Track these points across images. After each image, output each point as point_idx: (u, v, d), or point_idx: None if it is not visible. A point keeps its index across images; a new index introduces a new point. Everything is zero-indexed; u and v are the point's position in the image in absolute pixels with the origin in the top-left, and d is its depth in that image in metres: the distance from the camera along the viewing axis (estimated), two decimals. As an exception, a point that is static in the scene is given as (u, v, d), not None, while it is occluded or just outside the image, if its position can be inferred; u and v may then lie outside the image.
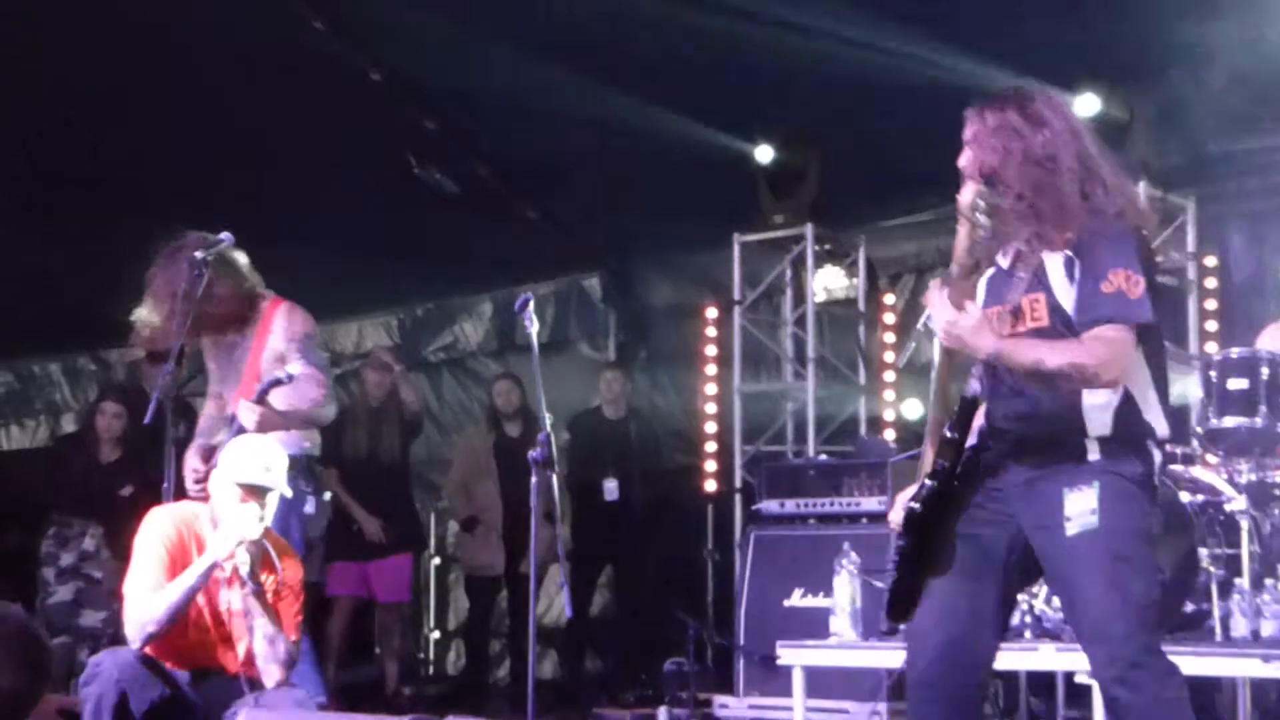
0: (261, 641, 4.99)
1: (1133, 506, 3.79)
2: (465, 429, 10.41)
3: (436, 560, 10.81)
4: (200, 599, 5.01)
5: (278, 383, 5.66)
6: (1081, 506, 3.75)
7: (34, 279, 10.17)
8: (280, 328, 5.89)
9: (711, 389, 9.22)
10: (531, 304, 5.68)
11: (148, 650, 4.92)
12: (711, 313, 9.32)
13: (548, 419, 7.73)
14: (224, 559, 4.96)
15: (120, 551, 8.10)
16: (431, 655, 10.77)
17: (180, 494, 6.08)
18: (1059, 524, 3.77)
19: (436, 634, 10.81)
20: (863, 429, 8.96)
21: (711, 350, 9.24)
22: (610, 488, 8.84)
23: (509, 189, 9.59)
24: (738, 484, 8.93)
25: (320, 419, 5.98)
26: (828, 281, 9.22)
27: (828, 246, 9.15)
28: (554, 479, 8.63)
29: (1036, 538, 3.85)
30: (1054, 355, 3.75)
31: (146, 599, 4.95)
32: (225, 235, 6.01)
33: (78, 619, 8.49)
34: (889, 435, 8.64)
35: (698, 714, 7.57)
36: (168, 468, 6.81)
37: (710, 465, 9.12)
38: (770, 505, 8.02)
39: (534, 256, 10.10)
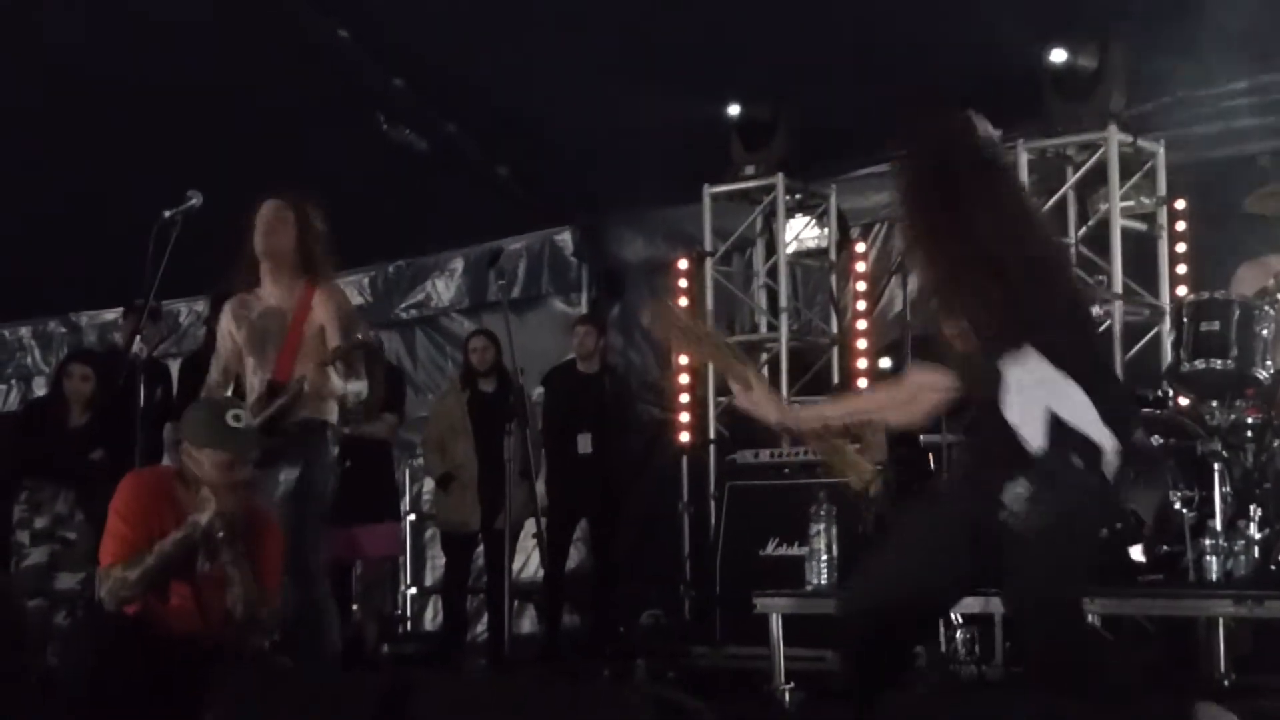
0: (241, 607, 5.00)
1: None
2: (439, 387, 10.39)
3: (412, 518, 10.80)
4: (179, 565, 5.00)
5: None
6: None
7: (1, 242, 10.14)
8: (322, 305, 5.92)
9: (685, 340, 9.18)
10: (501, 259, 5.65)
11: (126, 614, 4.92)
12: (683, 265, 9.31)
13: (521, 375, 7.86)
14: (202, 524, 4.96)
15: (94, 514, 8.12)
16: (409, 612, 10.77)
17: (154, 458, 6.10)
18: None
19: (413, 591, 10.82)
20: (835, 379, 8.98)
21: (684, 303, 9.22)
22: (585, 442, 8.82)
23: (479, 146, 9.57)
24: (712, 435, 8.94)
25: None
26: (799, 232, 9.24)
27: (798, 197, 9.16)
28: (529, 435, 8.77)
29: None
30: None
31: (121, 567, 4.96)
32: (193, 194, 6.03)
33: (53, 582, 8.44)
34: (862, 384, 8.65)
35: (676, 666, 7.59)
36: (140, 431, 6.85)
37: (684, 417, 9.13)
38: (744, 456, 8.05)
39: (505, 213, 10.09)
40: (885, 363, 8.24)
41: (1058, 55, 7.63)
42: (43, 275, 10.98)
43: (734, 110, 8.90)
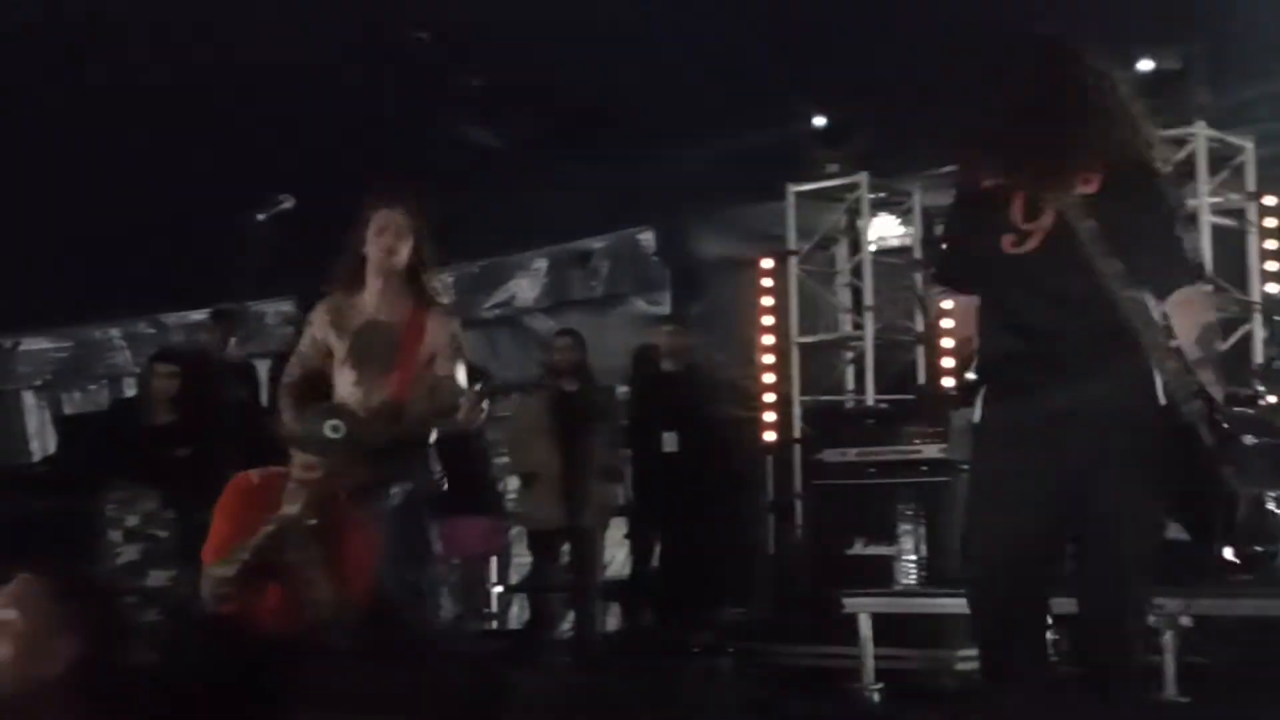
0: (324, 607, 5.02)
1: None
2: (522, 385, 10.43)
3: (499, 517, 10.81)
4: (271, 561, 5.03)
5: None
6: None
7: (92, 246, 10.28)
8: (436, 332, 5.75)
9: (768, 340, 9.21)
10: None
11: (222, 612, 4.98)
12: (767, 264, 9.30)
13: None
14: (291, 515, 5.02)
15: (181, 512, 8.24)
16: (495, 607, 10.80)
17: (242, 457, 6.12)
18: None
19: (499, 589, 10.84)
20: (921, 377, 8.95)
21: (767, 301, 9.22)
22: (669, 440, 8.83)
23: (561, 145, 9.59)
24: (796, 434, 8.93)
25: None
26: (883, 230, 9.21)
27: (882, 195, 9.13)
28: (613, 433, 8.79)
29: None
30: None
31: (220, 565, 5.01)
32: (285, 198, 6.07)
33: (144, 579, 8.54)
34: (948, 383, 8.61)
35: (761, 664, 7.58)
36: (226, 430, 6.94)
37: (769, 416, 9.12)
38: (830, 455, 8.03)
39: (588, 212, 10.11)
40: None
41: (1144, 64, 7.54)
42: (133, 277, 11.11)
43: (819, 120, 8.93)
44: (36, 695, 3.45)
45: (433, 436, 5.80)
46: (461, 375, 5.70)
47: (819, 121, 9.02)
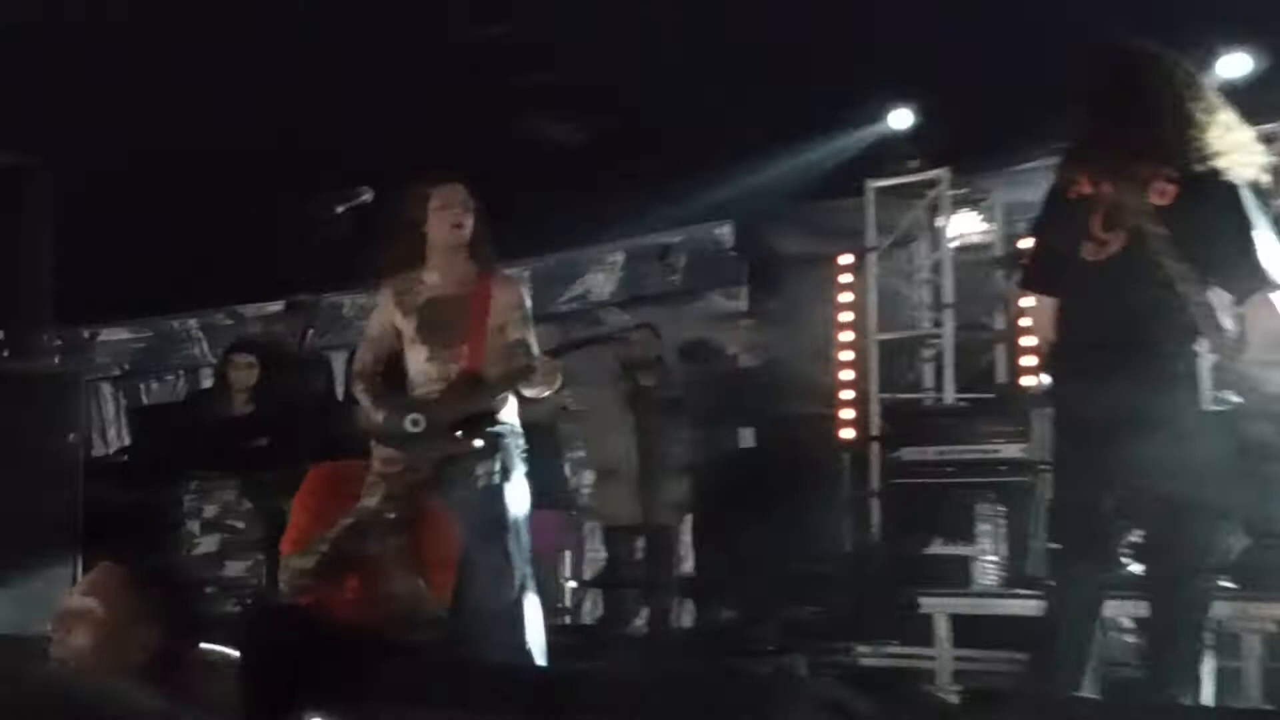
0: (403, 601, 4.98)
1: None
2: (598, 380, 10.44)
3: (572, 511, 10.84)
4: (351, 553, 5.01)
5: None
6: None
7: (170, 236, 10.36)
8: (503, 298, 5.73)
9: (847, 336, 9.16)
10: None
11: (300, 603, 4.97)
12: (845, 260, 9.26)
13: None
14: (370, 512, 5.00)
15: (259, 502, 8.30)
16: (568, 603, 10.82)
17: (320, 448, 6.12)
18: None
19: (573, 584, 10.86)
20: (1001, 375, 8.88)
21: (846, 298, 9.18)
22: (745, 436, 8.81)
23: (637, 139, 9.59)
24: (874, 432, 8.88)
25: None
26: (963, 226, 9.15)
27: (963, 191, 9.07)
28: (689, 429, 8.77)
29: None
30: None
31: (298, 557, 5.00)
32: (364, 189, 6.09)
33: (222, 570, 8.59)
34: (1028, 381, 8.53)
35: (837, 663, 7.54)
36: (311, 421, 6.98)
37: (847, 413, 9.07)
38: (908, 453, 7.96)
39: (665, 206, 10.10)
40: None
41: (1239, 60, 7.43)
42: (211, 268, 11.20)
43: (900, 116, 8.87)
44: (116, 683, 3.46)
45: (513, 409, 5.74)
46: (533, 339, 5.69)
47: (900, 117, 8.97)
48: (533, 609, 5.63)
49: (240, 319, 12.73)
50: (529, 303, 5.83)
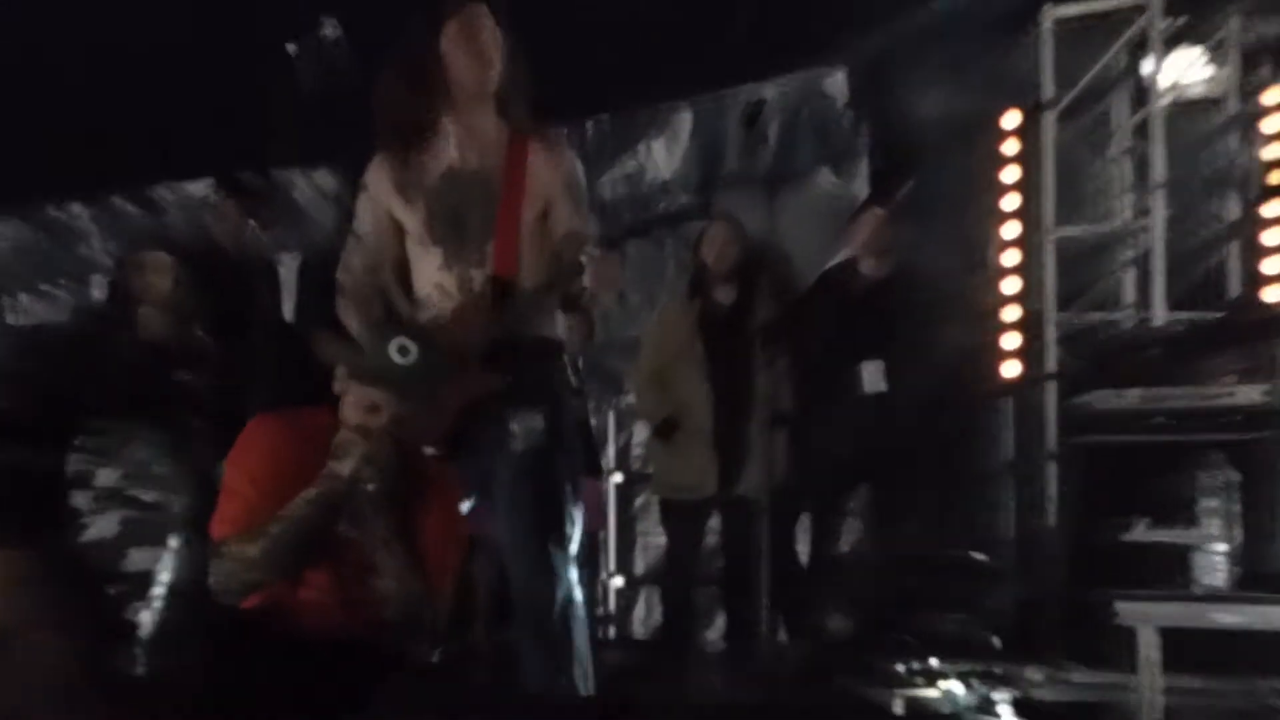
0: (394, 601, 5.04)
1: None
2: (657, 296, 10.43)
3: (618, 478, 10.89)
4: (317, 538, 5.03)
5: None
6: None
7: (50, 88, 10.36)
8: (547, 168, 5.71)
9: (1011, 232, 9.11)
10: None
11: (244, 608, 4.99)
12: (1010, 122, 9.20)
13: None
14: (344, 482, 5.01)
15: (183, 464, 8.30)
16: (612, 609, 10.86)
17: (268, 391, 6.12)
18: None
19: (619, 581, 10.90)
20: (1235, 287, 8.82)
21: (1010, 176, 9.11)
22: (871, 375, 8.77)
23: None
24: (1051, 368, 8.86)
25: None
26: (1182, 74, 9.07)
27: (1181, 22, 8.98)
28: (787, 365, 8.75)
29: None
30: None
31: (240, 542, 4.99)
32: (328, 23, 6.06)
33: (124, 561, 8.56)
34: (1275, 294, 8.46)
35: (996, 692, 7.56)
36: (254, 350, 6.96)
37: (1010, 342, 9.03)
38: (1099, 399, 7.96)
39: (752, 48, 10.06)
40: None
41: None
42: (109, 135, 11.19)
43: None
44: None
45: (563, 333, 5.75)
46: (586, 225, 5.71)
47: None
48: (580, 622, 5.64)
49: (151, 206, 12.73)
50: (583, 177, 5.80)
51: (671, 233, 11.02)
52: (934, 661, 8.12)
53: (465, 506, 5.37)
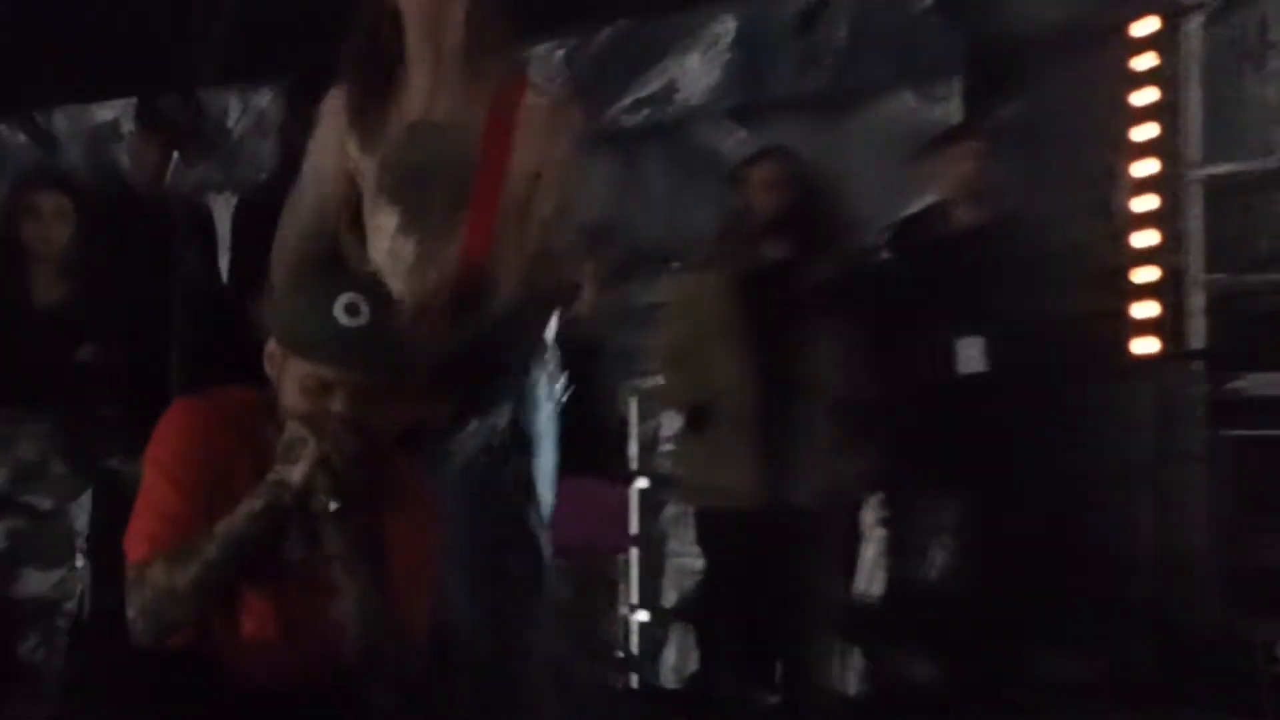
0: (358, 634, 4.94)
1: None
2: (687, 251, 10.37)
3: (642, 483, 10.85)
4: (258, 559, 4.97)
5: None
6: None
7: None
8: (541, 130, 5.65)
9: (1145, 169, 9.08)
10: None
11: (169, 647, 4.91)
12: (1143, 29, 9.12)
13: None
14: (293, 482, 4.90)
15: (81, 461, 8.24)
16: (634, 651, 10.83)
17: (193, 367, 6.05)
18: None
19: (642, 616, 10.86)
20: None
21: (1144, 98, 9.06)
22: (966, 352, 8.72)
23: None
24: (1197, 342, 8.79)
25: None
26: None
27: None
28: (859, 339, 8.71)
29: None
30: None
31: (165, 565, 4.90)
32: None
33: (15, 584, 8.53)
34: None
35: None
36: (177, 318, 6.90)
37: (1144, 309, 8.98)
38: (1258, 382, 7.99)
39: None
40: None
41: None
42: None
43: None
44: None
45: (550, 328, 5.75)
46: (583, 209, 5.69)
47: None
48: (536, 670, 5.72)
49: (45, 135, 12.76)
50: (582, 143, 5.74)
51: (706, 169, 10.97)
52: (1049, 707, 8.13)
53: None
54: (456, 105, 5.67)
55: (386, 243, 5.66)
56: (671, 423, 10.22)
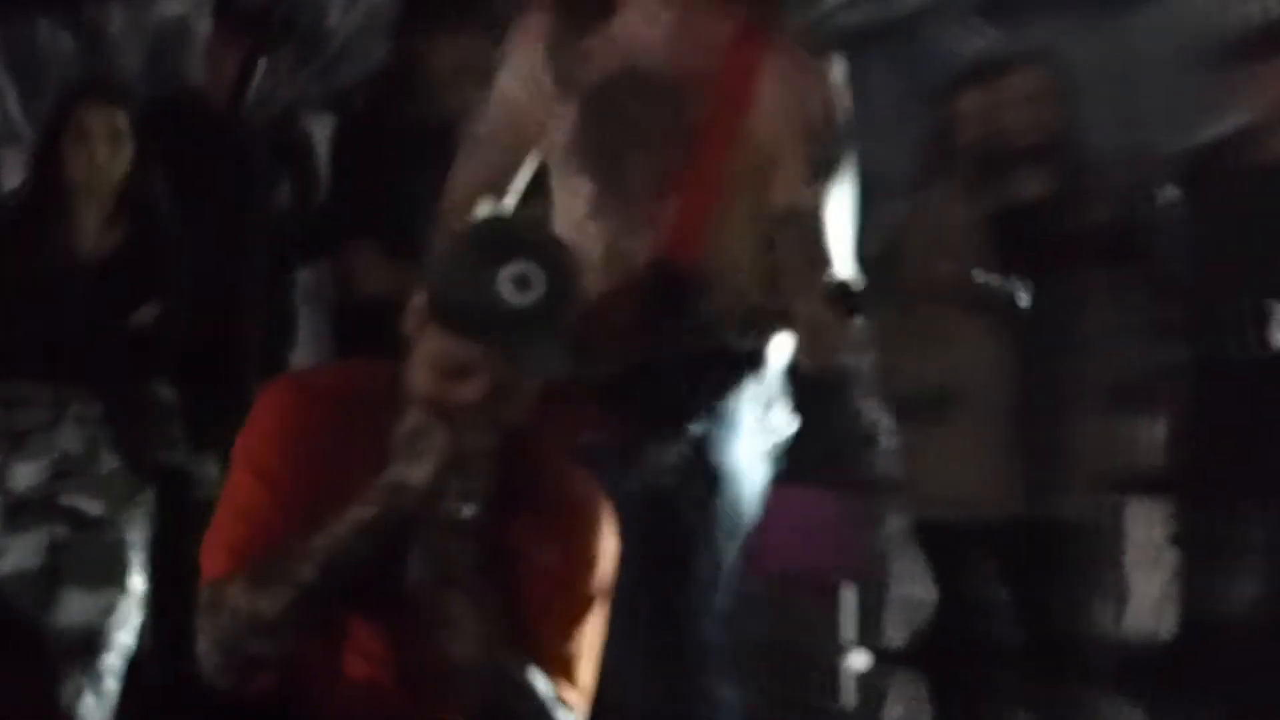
0: (473, 679, 5.02)
1: None
2: (908, 184, 10.49)
3: (861, 493, 10.95)
4: (365, 579, 5.01)
5: None
6: None
7: None
8: (782, 91, 5.66)
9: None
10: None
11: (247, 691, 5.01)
12: None
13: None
14: (413, 484, 4.93)
15: (136, 456, 8.36)
16: (853, 702, 10.96)
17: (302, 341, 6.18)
18: None
19: (862, 660, 11.02)
20: None
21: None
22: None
23: None
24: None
25: None
26: None
27: None
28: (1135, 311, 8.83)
29: None
30: None
31: (246, 586, 4.94)
32: None
33: (55, 609, 8.55)
34: None
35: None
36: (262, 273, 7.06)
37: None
38: None
39: None
40: None
41: None
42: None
43: None
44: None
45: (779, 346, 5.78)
46: (841, 210, 5.69)
47: None
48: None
49: (95, 36, 12.93)
50: (844, 115, 5.79)
51: (940, 81, 11.03)
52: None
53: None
54: (676, 56, 5.67)
55: (577, 219, 5.68)
56: (887, 419, 10.28)
